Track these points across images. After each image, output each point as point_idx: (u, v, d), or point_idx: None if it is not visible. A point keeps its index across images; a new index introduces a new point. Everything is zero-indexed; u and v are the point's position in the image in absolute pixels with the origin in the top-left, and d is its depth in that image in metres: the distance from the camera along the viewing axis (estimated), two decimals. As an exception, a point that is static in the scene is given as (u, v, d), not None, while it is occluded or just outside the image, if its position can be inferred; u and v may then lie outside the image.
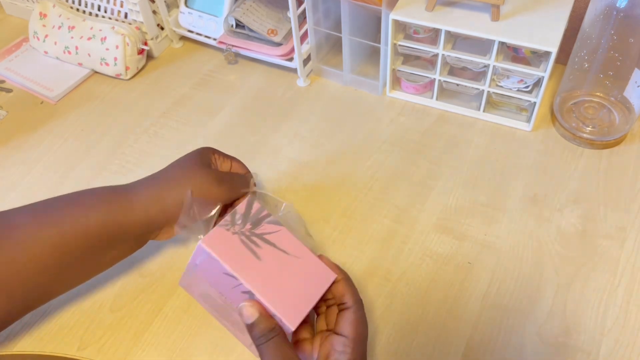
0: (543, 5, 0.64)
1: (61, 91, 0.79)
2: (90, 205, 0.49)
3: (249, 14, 0.77)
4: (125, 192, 0.50)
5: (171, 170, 0.52)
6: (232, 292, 0.44)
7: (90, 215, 0.48)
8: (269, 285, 0.44)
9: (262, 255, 0.45)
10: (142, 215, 0.49)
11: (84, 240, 0.47)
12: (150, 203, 0.49)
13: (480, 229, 0.59)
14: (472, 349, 0.50)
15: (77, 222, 0.47)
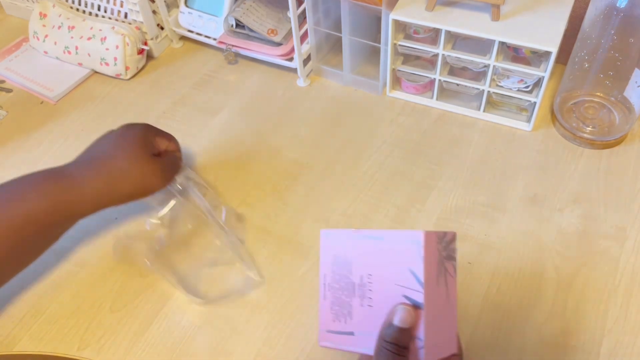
0: (543, 5, 0.64)
1: (61, 91, 0.79)
2: (37, 197, 0.51)
3: (249, 14, 0.77)
4: (73, 179, 0.52)
5: (120, 160, 0.53)
6: (393, 288, 0.39)
7: (37, 208, 0.50)
8: (436, 313, 0.39)
9: (442, 283, 0.40)
10: (92, 205, 0.53)
11: (36, 231, 0.51)
12: (100, 195, 0.53)
13: (480, 229, 0.59)
14: (473, 349, 0.50)
15: (27, 218, 0.50)
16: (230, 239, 0.57)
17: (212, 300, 0.55)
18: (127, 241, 0.58)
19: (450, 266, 0.40)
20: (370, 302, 0.40)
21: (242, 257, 0.56)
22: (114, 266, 0.58)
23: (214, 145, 0.70)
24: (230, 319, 0.53)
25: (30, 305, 0.56)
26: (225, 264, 0.57)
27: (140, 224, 0.61)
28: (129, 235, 0.59)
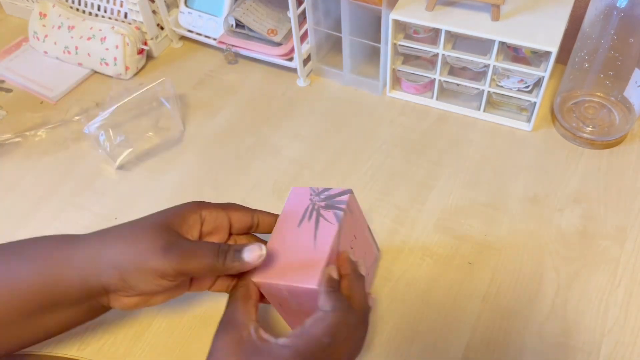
0: (543, 5, 0.63)
1: (61, 91, 0.79)
2: (22, 264, 0.42)
3: (249, 13, 0.77)
4: (62, 250, 0.43)
5: (122, 227, 0.44)
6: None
7: (21, 275, 0.42)
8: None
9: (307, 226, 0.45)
10: (75, 277, 0.42)
11: (16, 304, 0.42)
12: (84, 264, 0.42)
13: (480, 229, 0.59)
14: (473, 349, 0.50)
15: (8, 281, 0.42)
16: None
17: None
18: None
19: (330, 214, 0.45)
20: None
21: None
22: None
23: (213, 146, 0.70)
24: (230, 319, 0.53)
25: (30, 305, 0.56)
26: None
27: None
28: None
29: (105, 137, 0.67)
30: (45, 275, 0.42)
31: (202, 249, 0.41)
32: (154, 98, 0.72)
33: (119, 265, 0.41)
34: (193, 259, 0.41)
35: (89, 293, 0.42)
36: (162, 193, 0.65)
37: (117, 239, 0.42)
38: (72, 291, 0.42)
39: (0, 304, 0.41)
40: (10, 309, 0.42)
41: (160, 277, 0.40)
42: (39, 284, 0.41)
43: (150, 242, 0.41)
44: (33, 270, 0.42)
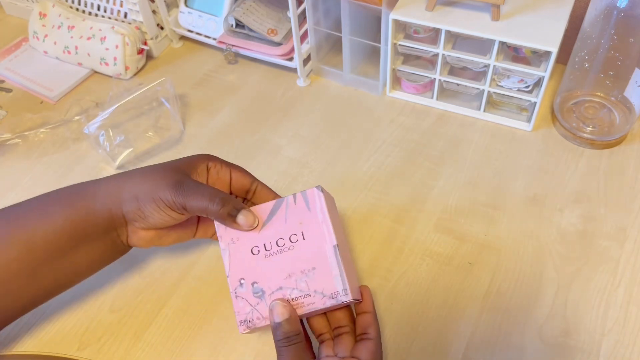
0: (543, 5, 0.63)
1: (61, 91, 0.79)
2: (54, 202, 0.47)
3: (249, 13, 0.77)
4: (88, 188, 0.48)
5: (141, 168, 0.50)
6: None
7: (54, 213, 0.46)
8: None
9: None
10: (102, 209, 0.47)
11: (51, 239, 0.46)
12: (109, 195, 0.47)
13: (480, 229, 0.59)
14: (472, 349, 0.50)
15: (41, 219, 0.46)
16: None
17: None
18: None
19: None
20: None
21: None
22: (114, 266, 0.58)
23: (213, 146, 0.70)
24: (230, 318, 0.53)
25: (30, 305, 0.56)
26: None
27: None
28: None
29: (105, 137, 0.67)
30: (75, 208, 0.47)
31: (207, 191, 0.46)
32: (154, 98, 0.72)
33: (137, 195, 0.46)
34: (197, 195, 0.45)
35: (113, 223, 0.47)
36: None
37: (136, 175, 0.48)
38: (99, 222, 0.47)
39: (40, 238, 0.45)
40: (48, 245, 0.46)
41: (169, 208, 0.46)
42: (71, 219, 0.46)
43: (164, 179, 0.46)
44: (64, 206, 0.47)
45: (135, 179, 0.48)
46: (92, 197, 0.47)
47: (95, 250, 0.48)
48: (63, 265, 0.47)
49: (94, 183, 0.49)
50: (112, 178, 0.49)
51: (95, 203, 0.47)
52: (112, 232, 0.48)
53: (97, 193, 0.48)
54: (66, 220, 0.46)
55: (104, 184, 0.48)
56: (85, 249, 0.48)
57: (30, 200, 0.49)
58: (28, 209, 0.47)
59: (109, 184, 0.48)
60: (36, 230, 0.46)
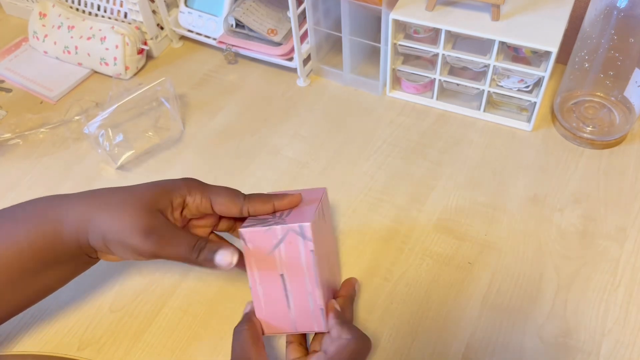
0: (543, 5, 0.63)
1: (61, 91, 0.79)
2: (20, 224, 0.44)
3: (249, 13, 0.77)
4: (56, 209, 0.45)
5: (112, 195, 0.45)
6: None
7: (19, 234, 0.44)
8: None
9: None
10: (70, 236, 0.44)
11: (16, 262, 0.44)
12: (76, 225, 0.44)
13: (480, 229, 0.59)
14: (472, 349, 0.50)
15: (5, 242, 0.43)
16: None
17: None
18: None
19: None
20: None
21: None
22: (114, 266, 0.58)
23: (213, 146, 0.70)
24: (230, 319, 0.53)
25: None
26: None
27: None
28: None
29: (105, 137, 0.67)
30: (42, 232, 0.44)
31: (180, 239, 0.43)
32: (154, 98, 0.72)
33: (104, 235, 0.43)
34: (169, 247, 0.43)
35: (81, 249, 0.45)
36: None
37: (105, 208, 0.44)
38: (67, 247, 0.44)
39: (5, 265, 0.43)
40: (15, 270, 0.44)
41: (138, 254, 0.43)
42: (39, 244, 0.44)
43: (134, 222, 0.43)
44: (31, 231, 0.44)
45: (103, 213, 0.44)
46: (59, 221, 0.44)
47: (64, 270, 0.47)
48: (31, 285, 0.46)
49: (62, 204, 0.45)
50: (81, 202, 0.45)
51: (62, 229, 0.44)
52: (81, 256, 0.46)
53: (64, 219, 0.44)
54: (32, 245, 0.44)
55: (72, 209, 0.45)
56: (54, 271, 0.46)
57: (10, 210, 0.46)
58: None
59: (77, 210, 0.44)
60: (2, 254, 0.43)
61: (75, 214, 0.44)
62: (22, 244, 0.44)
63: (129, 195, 0.45)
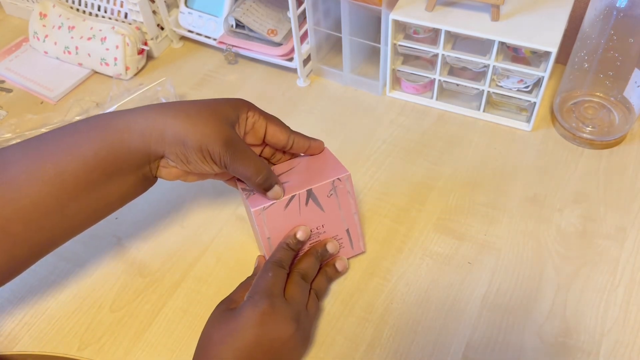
0: (543, 5, 0.64)
1: (61, 91, 0.79)
2: (84, 134, 0.44)
3: (249, 14, 0.77)
4: (121, 119, 0.45)
5: (184, 104, 0.46)
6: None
7: (84, 144, 0.43)
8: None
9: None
10: (139, 145, 0.44)
11: (82, 173, 0.43)
12: (148, 131, 0.44)
13: (480, 229, 0.59)
14: (472, 349, 0.50)
15: (71, 153, 0.43)
16: None
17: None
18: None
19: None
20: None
21: None
22: (114, 266, 0.58)
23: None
24: (230, 319, 0.53)
25: (30, 305, 0.56)
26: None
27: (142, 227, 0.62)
28: None
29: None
30: (108, 141, 0.44)
31: (253, 159, 0.47)
32: (154, 98, 0.72)
33: (184, 140, 0.44)
34: (242, 161, 0.46)
35: (148, 158, 0.45)
36: (162, 193, 0.65)
37: (183, 117, 0.44)
38: (133, 157, 0.45)
39: (72, 176, 0.43)
40: (81, 180, 0.44)
41: (214, 162, 0.45)
42: (104, 151, 0.44)
43: (216, 130, 0.44)
44: (95, 139, 0.44)
45: (183, 121, 0.44)
46: (126, 130, 0.44)
47: (126, 184, 0.46)
48: (94, 200, 0.46)
49: (127, 115, 0.45)
50: (150, 111, 0.45)
51: (129, 137, 0.44)
52: (145, 167, 0.46)
53: (132, 126, 0.44)
54: (97, 155, 0.44)
55: (141, 117, 0.45)
56: (116, 183, 0.46)
57: (59, 132, 0.45)
58: (58, 142, 0.44)
59: (147, 117, 0.45)
60: (67, 165, 0.43)
61: (145, 121, 0.44)
62: (86, 154, 0.43)
63: (204, 107, 0.46)
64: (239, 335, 0.45)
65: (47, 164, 0.43)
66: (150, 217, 0.62)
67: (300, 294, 0.48)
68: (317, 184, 0.50)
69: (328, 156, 0.54)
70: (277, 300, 0.46)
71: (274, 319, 0.45)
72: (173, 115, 0.44)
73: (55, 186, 0.43)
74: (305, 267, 0.51)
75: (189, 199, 0.64)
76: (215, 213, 0.62)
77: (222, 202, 0.63)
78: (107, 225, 0.62)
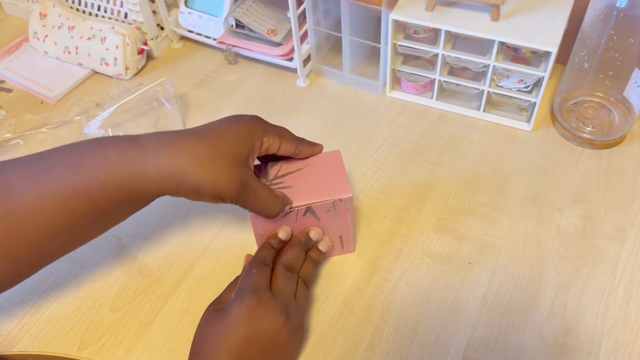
0: (543, 5, 0.64)
1: (61, 91, 0.79)
2: (93, 178, 0.43)
3: (249, 14, 0.77)
4: (138, 161, 0.43)
5: (199, 144, 0.44)
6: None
7: (93, 186, 0.42)
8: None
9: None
10: (154, 190, 0.44)
11: (90, 209, 0.43)
12: (165, 181, 0.43)
13: (480, 229, 0.59)
14: (472, 349, 0.50)
15: (80, 193, 0.42)
16: None
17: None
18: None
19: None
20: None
21: None
22: (114, 266, 0.58)
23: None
24: (230, 318, 0.53)
25: (30, 305, 0.56)
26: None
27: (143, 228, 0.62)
28: None
29: (106, 137, 0.67)
30: (121, 188, 0.43)
31: (267, 198, 0.48)
32: (154, 98, 0.72)
33: (197, 189, 0.44)
34: (257, 202, 0.47)
35: (161, 195, 0.45)
36: (162, 193, 0.65)
37: (194, 165, 0.44)
38: (147, 197, 0.45)
39: (79, 212, 0.43)
40: (89, 215, 0.44)
41: (226, 203, 0.46)
42: (117, 195, 0.43)
43: (229, 176, 0.45)
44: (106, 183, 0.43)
45: (194, 170, 0.43)
46: (139, 178, 0.43)
47: (136, 210, 0.47)
48: (101, 226, 0.47)
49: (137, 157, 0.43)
50: (162, 156, 0.43)
51: (143, 184, 0.44)
52: (158, 197, 0.46)
53: (145, 175, 0.43)
54: (109, 198, 0.43)
55: (153, 164, 0.43)
56: (126, 213, 0.47)
57: (60, 155, 0.44)
58: (65, 179, 0.43)
59: (161, 167, 0.43)
60: (75, 206, 0.43)
61: (159, 172, 0.43)
62: (96, 194, 0.43)
63: (214, 149, 0.45)
64: (230, 334, 0.45)
65: (54, 200, 0.42)
66: (150, 217, 0.62)
67: (286, 286, 0.48)
68: (318, 201, 0.50)
69: (338, 167, 0.53)
70: (263, 294, 0.46)
71: (262, 313, 0.45)
72: (188, 165, 0.44)
73: (62, 220, 0.43)
74: (289, 258, 0.51)
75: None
76: (215, 213, 0.62)
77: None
78: (107, 225, 0.62)
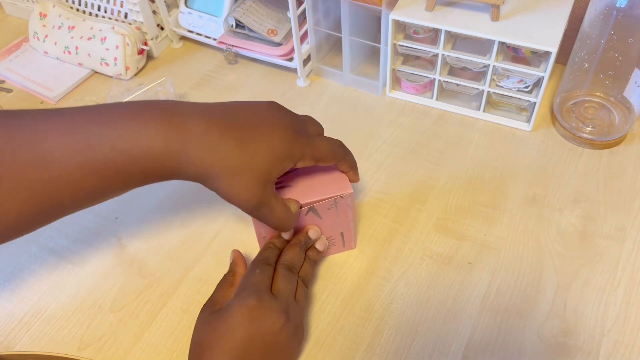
0: (543, 5, 0.64)
1: (61, 91, 0.79)
2: (136, 150, 0.40)
3: (249, 14, 0.77)
4: (177, 160, 0.42)
5: (234, 153, 0.43)
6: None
7: (133, 164, 0.41)
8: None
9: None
10: (181, 177, 0.43)
11: (123, 184, 0.42)
12: (194, 177, 0.43)
13: (480, 229, 0.59)
14: (472, 349, 0.50)
15: (119, 169, 0.41)
16: None
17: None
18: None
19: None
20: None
21: None
22: (114, 266, 0.58)
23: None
24: (230, 318, 0.53)
25: (30, 305, 0.56)
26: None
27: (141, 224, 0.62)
28: None
29: (106, 137, 0.67)
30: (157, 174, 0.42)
31: (281, 218, 0.48)
32: (155, 98, 0.72)
33: (216, 191, 0.44)
34: (269, 220, 0.47)
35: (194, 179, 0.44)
36: (162, 193, 0.65)
37: (221, 173, 0.43)
38: (174, 179, 0.43)
39: (107, 190, 0.42)
40: (115, 189, 0.42)
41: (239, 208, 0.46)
42: (149, 178, 0.42)
43: (249, 195, 0.44)
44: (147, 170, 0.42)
45: (220, 177, 0.43)
46: (176, 173, 0.43)
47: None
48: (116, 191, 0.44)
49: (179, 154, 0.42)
50: (198, 156, 0.42)
51: (178, 175, 0.43)
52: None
53: (181, 172, 0.43)
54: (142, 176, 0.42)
55: (189, 165, 0.42)
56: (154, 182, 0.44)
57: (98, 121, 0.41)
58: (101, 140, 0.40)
59: (195, 167, 0.42)
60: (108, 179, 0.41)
61: (192, 165, 0.42)
62: (134, 176, 0.42)
63: (247, 164, 0.43)
64: (230, 335, 0.45)
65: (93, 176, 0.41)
66: (150, 217, 0.62)
67: (287, 286, 0.49)
68: (320, 199, 0.51)
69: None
70: (264, 295, 0.46)
71: (263, 314, 0.45)
72: (217, 173, 0.43)
73: (100, 191, 0.42)
74: (290, 258, 0.51)
75: (189, 199, 0.64)
76: (215, 213, 0.62)
77: (222, 202, 0.63)
78: (107, 225, 0.62)
